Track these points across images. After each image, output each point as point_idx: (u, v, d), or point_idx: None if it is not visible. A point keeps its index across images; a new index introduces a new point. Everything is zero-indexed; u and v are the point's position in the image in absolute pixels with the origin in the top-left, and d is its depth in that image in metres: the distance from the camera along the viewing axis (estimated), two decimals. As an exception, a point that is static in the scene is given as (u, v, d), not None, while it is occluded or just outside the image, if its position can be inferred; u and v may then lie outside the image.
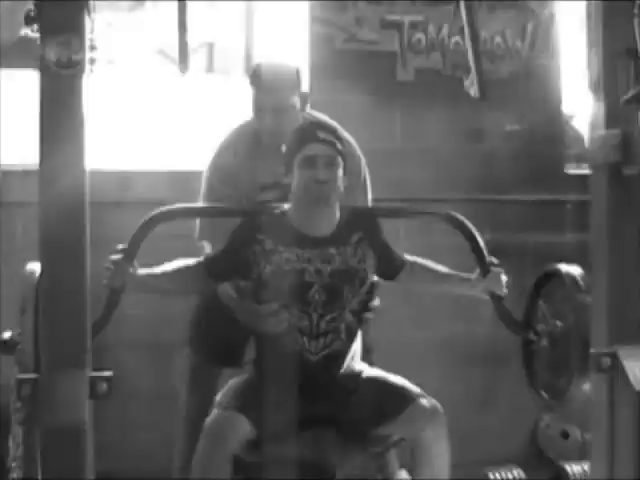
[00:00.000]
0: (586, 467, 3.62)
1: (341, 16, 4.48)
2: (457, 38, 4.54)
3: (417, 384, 3.09)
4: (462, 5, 2.93)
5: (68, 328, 2.23)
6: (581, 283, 2.87)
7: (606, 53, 2.60)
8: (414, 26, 4.57)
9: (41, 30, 2.22)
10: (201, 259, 3.04)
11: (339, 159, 2.93)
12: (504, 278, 3.09)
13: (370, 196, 3.57)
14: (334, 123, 3.53)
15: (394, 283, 3.18)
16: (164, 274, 2.94)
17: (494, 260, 3.13)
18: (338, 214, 3.00)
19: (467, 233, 3.17)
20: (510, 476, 3.56)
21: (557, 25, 4.74)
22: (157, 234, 3.01)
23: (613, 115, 2.58)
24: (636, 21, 2.44)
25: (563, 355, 2.92)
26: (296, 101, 3.37)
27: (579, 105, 4.85)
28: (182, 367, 3.73)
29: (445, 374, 4.52)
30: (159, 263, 2.98)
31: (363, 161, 3.54)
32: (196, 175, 3.55)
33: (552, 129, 4.73)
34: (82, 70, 2.24)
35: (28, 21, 2.24)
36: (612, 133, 2.56)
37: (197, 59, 4.47)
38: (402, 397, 2.89)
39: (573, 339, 2.85)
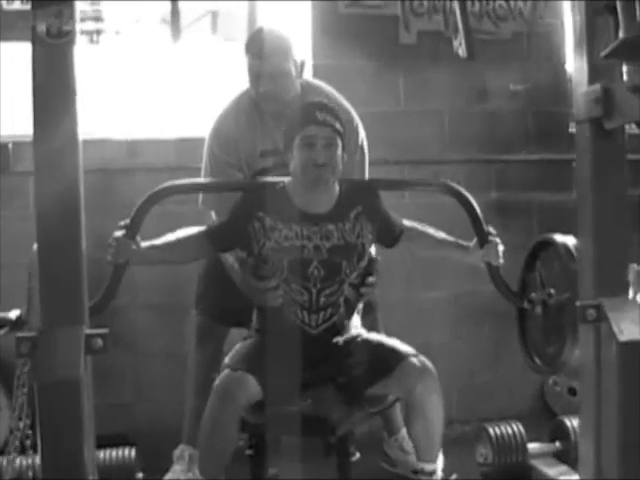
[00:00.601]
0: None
1: (343, -20, 4.50)
2: (459, -1, 4.56)
3: (425, 342, 3.16)
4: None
5: (65, 286, 2.33)
6: (574, 253, 2.91)
7: (587, 10, 2.64)
8: (416, -12, 4.59)
9: (32, 1, 2.29)
10: (203, 229, 3.09)
11: (338, 140, 2.96)
12: (501, 248, 3.13)
13: (367, 161, 3.61)
14: (331, 89, 3.60)
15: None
16: (167, 245, 3.00)
17: (491, 230, 3.17)
18: (337, 190, 3.06)
19: (465, 202, 3.20)
20: (510, 430, 3.61)
21: (559, -16, 4.74)
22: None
23: (595, 71, 2.62)
24: (614, -23, 2.47)
25: (556, 323, 2.98)
26: (291, 68, 3.42)
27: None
28: (190, 327, 3.83)
29: (454, 331, 4.59)
30: (166, 229, 3.06)
31: (360, 127, 3.58)
32: (202, 141, 3.62)
33: (556, 88, 4.73)
34: (73, 40, 2.31)
35: (19, -8, 2.30)
36: (593, 88, 2.60)
37: (201, 26, 4.50)
38: (393, 356, 2.95)
39: (566, 307, 2.91)
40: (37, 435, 2.23)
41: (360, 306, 3.19)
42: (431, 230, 3.23)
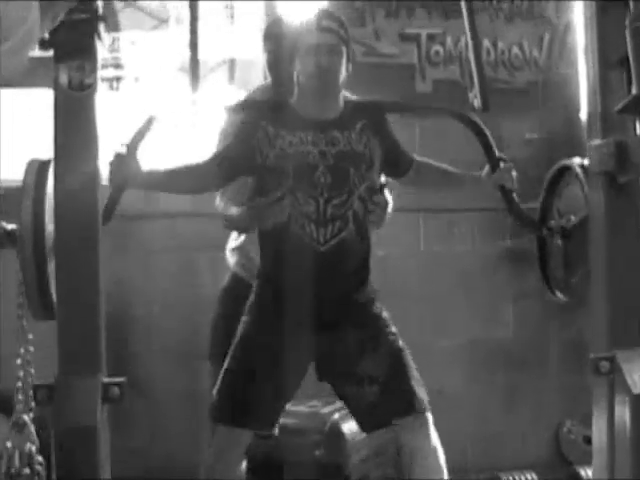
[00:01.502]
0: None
1: (360, 29, 4.56)
2: (475, 50, 4.62)
3: (439, 388, 3.12)
4: (465, 20, 3.00)
5: (83, 335, 2.35)
6: None
7: (601, 63, 2.68)
8: (432, 38, 4.66)
9: (55, 55, 2.35)
10: (210, 157, 2.98)
11: (342, 47, 2.88)
12: (514, 173, 3.07)
13: None
14: None
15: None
16: (171, 171, 2.93)
17: (503, 155, 3.12)
18: (342, 103, 2.95)
19: (476, 129, 3.13)
20: (523, 479, 3.60)
21: (573, 34, 4.78)
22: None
23: (608, 124, 2.65)
24: (627, 32, 2.50)
25: (577, 250, 2.91)
26: None
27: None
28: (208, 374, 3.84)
29: (468, 378, 4.59)
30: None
31: None
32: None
33: (571, 137, 4.75)
34: (94, 92, 2.37)
35: (43, 45, 2.35)
36: (607, 142, 2.63)
37: (218, 76, 4.56)
38: (407, 402, 2.83)
39: (586, 231, 2.82)
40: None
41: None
42: (440, 164, 3.15)
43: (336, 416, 3.50)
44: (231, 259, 3.58)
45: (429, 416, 2.84)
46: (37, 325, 2.50)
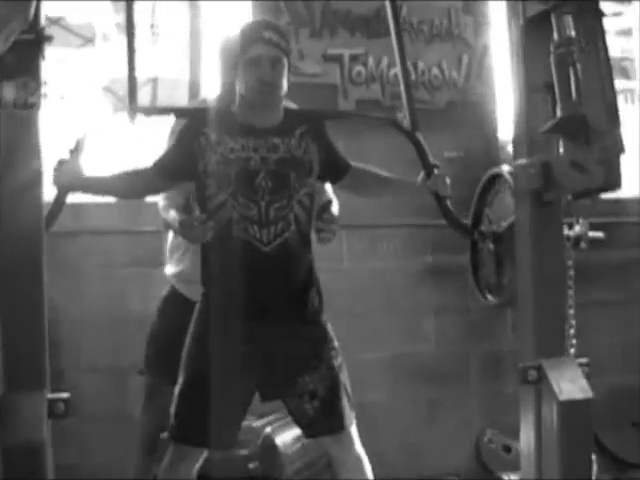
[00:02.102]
0: (522, 476, 3.78)
1: (285, 50, 4.64)
2: (396, 70, 4.73)
3: (362, 402, 3.22)
4: (394, 44, 3.09)
5: (27, 352, 2.37)
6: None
7: (527, 86, 2.82)
8: (354, 59, 4.75)
9: (1, 73, 2.37)
10: (150, 163, 2.99)
11: (284, 59, 2.90)
12: (448, 179, 3.15)
13: None
14: None
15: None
16: (113, 176, 2.96)
17: (437, 163, 3.19)
18: (283, 112, 2.98)
19: (410, 137, 3.22)
20: (447, 485, 3.72)
21: (491, 56, 4.94)
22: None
23: (534, 145, 2.79)
24: (552, 58, 2.64)
25: (507, 254, 3.02)
26: None
27: (514, 132, 5.04)
28: (137, 388, 3.86)
29: (393, 391, 4.68)
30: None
31: None
32: (146, 205, 3.69)
33: (488, 155, 4.91)
34: (37, 110, 2.40)
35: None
36: (533, 161, 2.76)
37: (142, 94, 4.58)
38: (338, 419, 2.92)
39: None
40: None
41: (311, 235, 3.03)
42: (377, 169, 3.20)
43: (269, 429, 3.56)
44: (168, 270, 3.62)
45: (354, 430, 2.95)
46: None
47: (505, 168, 3.11)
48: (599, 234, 3.47)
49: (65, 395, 2.38)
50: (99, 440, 4.27)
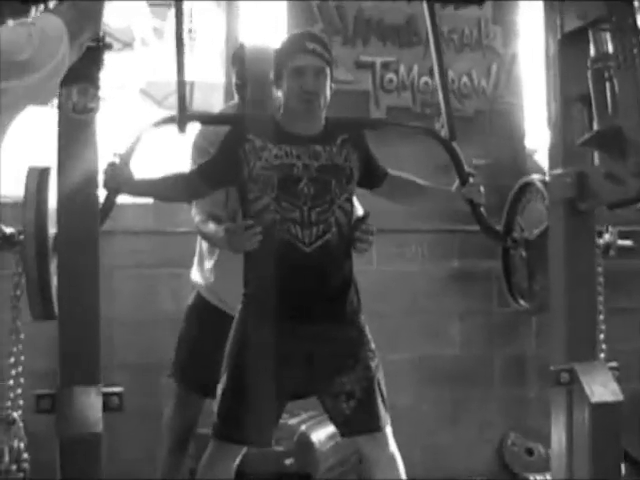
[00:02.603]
0: (548, 477, 3.87)
1: (318, 57, 4.73)
2: (426, 78, 4.83)
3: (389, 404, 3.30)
4: (433, 55, 3.18)
5: (82, 348, 2.47)
6: None
7: (563, 98, 2.90)
8: (386, 66, 4.85)
9: (62, 79, 2.47)
10: (195, 168, 3.13)
11: (327, 69, 3.00)
12: (482, 188, 3.22)
13: None
14: None
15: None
16: (159, 179, 3.06)
17: (472, 171, 3.27)
18: (324, 121, 3.07)
19: (447, 146, 3.31)
20: (478, 486, 3.81)
21: (520, 65, 5.04)
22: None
23: (569, 155, 2.88)
24: (589, 72, 2.73)
25: (539, 261, 3.10)
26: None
27: (541, 140, 5.11)
28: (167, 387, 3.94)
29: (418, 393, 4.76)
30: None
31: None
32: (181, 207, 3.78)
33: (515, 163, 5.00)
34: (95, 114, 2.50)
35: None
36: (568, 171, 2.85)
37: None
38: (374, 419, 3.00)
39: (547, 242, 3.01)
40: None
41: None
42: (413, 177, 3.30)
43: (304, 427, 3.65)
44: (195, 277, 3.70)
45: (389, 430, 3.03)
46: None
47: (536, 177, 3.20)
48: (628, 242, 3.55)
49: (119, 389, 2.48)
50: (129, 437, 4.35)
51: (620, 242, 3.33)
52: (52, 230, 2.54)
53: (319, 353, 2.95)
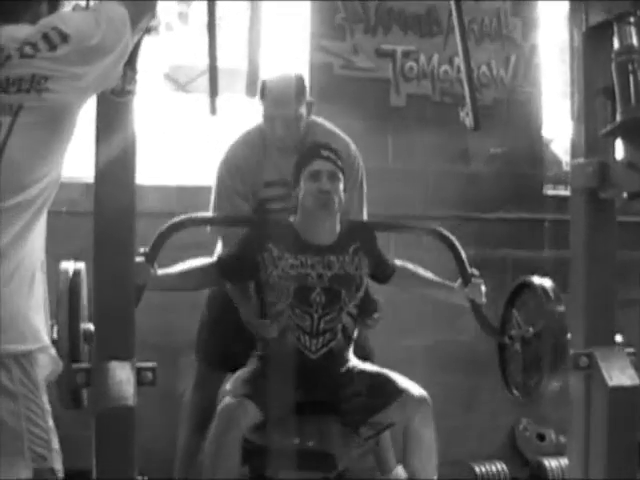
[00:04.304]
0: (562, 462, 3.94)
1: (339, 44, 4.80)
2: (446, 67, 4.89)
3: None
4: (458, 45, 3.23)
5: (117, 324, 2.54)
6: (551, 294, 3.16)
7: (587, 90, 2.97)
8: (406, 55, 4.90)
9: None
10: (214, 260, 3.40)
11: (340, 174, 3.29)
12: (483, 288, 3.43)
13: (365, 192, 3.85)
14: (332, 126, 3.86)
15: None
16: (180, 273, 3.28)
17: (475, 272, 3.48)
18: (339, 226, 3.35)
19: (452, 247, 3.52)
20: (494, 469, 3.88)
21: (538, 56, 5.09)
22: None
23: (592, 145, 2.94)
24: (613, 65, 2.79)
25: (534, 358, 3.21)
26: (302, 110, 3.68)
27: (558, 130, 5.18)
28: (187, 370, 4.02)
29: (432, 378, 4.82)
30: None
31: (360, 160, 3.83)
32: (201, 189, 3.86)
33: (532, 152, 5.06)
34: (133, 97, 2.56)
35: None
36: (590, 161, 2.91)
37: (201, 83, 4.75)
38: (393, 387, 3.24)
39: (543, 343, 3.15)
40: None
41: (355, 335, 3.42)
42: (420, 270, 3.56)
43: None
44: None
45: (422, 391, 3.28)
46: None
47: (535, 279, 3.30)
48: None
49: (152, 364, 2.55)
50: (148, 415, 4.41)
51: None
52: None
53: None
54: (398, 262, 3.54)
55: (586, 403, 2.91)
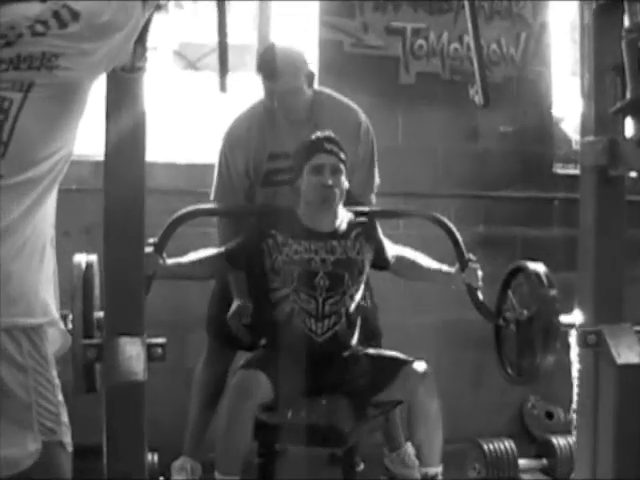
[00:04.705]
0: (570, 440, 3.95)
1: (349, 22, 4.80)
2: (456, 45, 4.88)
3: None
4: (468, 22, 3.22)
5: (128, 300, 2.56)
6: (544, 279, 3.20)
7: (597, 68, 2.96)
8: (416, 33, 4.89)
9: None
10: (222, 250, 3.47)
11: (342, 167, 3.35)
12: (480, 273, 3.50)
13: (376, 161, 3.90)
14: (341, 97, 3.89)
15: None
16: (189, 263, 3.36)
17: (472, 256, 3.54)
18: (340, 214, 3.43)
19: (449, 232, 3.58)
20: (502, 446, 3.91)
21: (548, 34, 5.07)
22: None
23: (601, 123, 2.94)
24: (624, 42, 2.78)
25: (527, 339, 3.27)
26: (303, 84, 3.67)
27: (568, 108, 5.16)
28: (199, 346, 4.04)
29: (441, 355, 4.84)
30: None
31: (371, 129, 3.88)
32: (212, 167, 3.86)
33: (542, 131, 5.06)
34: (143, 73, 2.56)
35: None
36: (600, 139, 2.91)
37: (211, 60, 4.75)
38: (395, 363, 3.34)
39: (536, 326, 3.20)
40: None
41: (359, 322, 3.47)
42: (419, 257, 3.61)
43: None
44: None
45: (423, 363, 3.35)
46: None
47: (529, 264, 3.33)
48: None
49: (162, 340, 2.57)
50: (157, 392, 4.43)
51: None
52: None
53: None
54: (396, 249, 3.60)
55: (594, 381, 2.91)
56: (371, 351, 3.45)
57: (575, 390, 3.10)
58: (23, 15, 1.92)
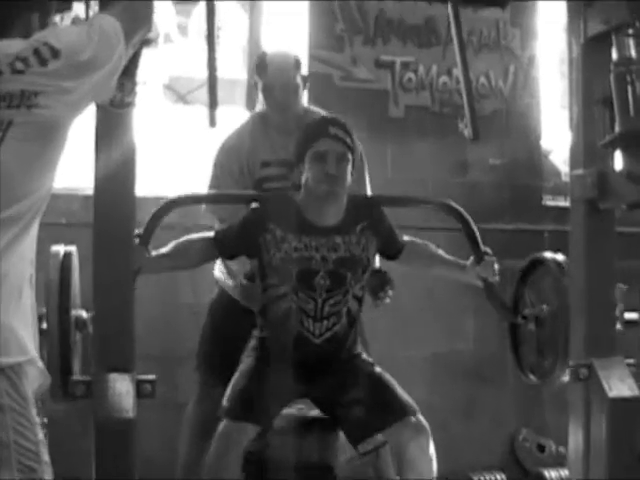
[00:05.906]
0: (561, 473, 3.94)
1: (338, 55, 4.84)
2: (445, 78, 4.92)
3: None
4: (457, 56, 3.24)
5: (118, 338, 2.55)
6: (566, 268, 3.08)
7: (585, 100, 2.98)
8: (405, 66, 4.93)
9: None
10: (211, 234, 3.20)
11: (349, 155, 3.03)
12: (496, 266, 3.24)
13: (367, 176, 3.85)
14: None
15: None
16: (176, 252, 3.10)
17: (488, 249, 3.29)
18: (345, 205, 3.12)
19: (464, 222, 3.35)
20: (493, 479, 3.88)
21: (537, 67, 5.11)
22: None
23: (590, 155, 2.95)
24: (612, 75, 2.80)
25: (549, 337, 3.13)
26: (299, 82, 3.67)
27: (557, 140, 5.19)
28: (190, 380, 4.02)
29: (432, 388, 4.83)
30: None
31: (360, 148, 3.75)
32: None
33: (531, 163, 5.08)
34: (133, 108, 2.57)
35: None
36: (590, 172, 2.92)
37: (200, 94, 4.77)
38: (394, 411, 3.05)
39: (558, 321, 3.06)
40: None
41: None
42: (431, 247, 3.37)
43: (325, 418, 3.70)
44: (218, 275, 3.78)
45: (422, 419, 3.06)
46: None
47: (548, 255, 3.24)
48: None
49: (152, 377, 2.56)
50: (148, 427, 4.39)
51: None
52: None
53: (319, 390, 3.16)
54: (407, 238, 3.34)
55: (586, 414, 2.90)
56: (375, 374, 3.17)
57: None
58: (4, 52, 1.91)
